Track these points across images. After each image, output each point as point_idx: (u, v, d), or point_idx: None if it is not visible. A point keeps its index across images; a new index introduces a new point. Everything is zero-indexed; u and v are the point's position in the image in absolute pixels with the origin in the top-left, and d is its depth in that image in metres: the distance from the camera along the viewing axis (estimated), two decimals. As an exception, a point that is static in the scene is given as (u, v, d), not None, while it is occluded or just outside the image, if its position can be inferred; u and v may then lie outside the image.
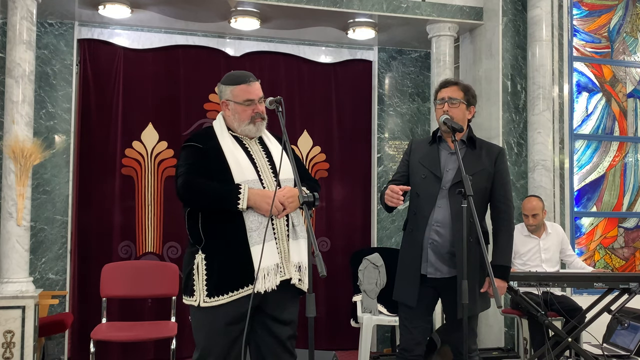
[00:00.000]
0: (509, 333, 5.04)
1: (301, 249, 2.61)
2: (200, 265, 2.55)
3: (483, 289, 2.96)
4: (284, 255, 2.58)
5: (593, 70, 5.57)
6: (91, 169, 5.20)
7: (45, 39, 5.04)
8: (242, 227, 2.53)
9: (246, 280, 2.50)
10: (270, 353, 2.61)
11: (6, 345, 4.07)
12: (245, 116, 2.65)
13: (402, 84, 5.90)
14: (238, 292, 2.51)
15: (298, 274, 2.60)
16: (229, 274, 2.52)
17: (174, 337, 4.23)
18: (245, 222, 2.53)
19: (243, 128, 2.67)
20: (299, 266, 2.60)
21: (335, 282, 5.54)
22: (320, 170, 5.77)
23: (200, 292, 2.54)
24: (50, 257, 4.95)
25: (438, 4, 5.23)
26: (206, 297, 2.53)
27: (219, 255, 2.54)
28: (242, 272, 2.51)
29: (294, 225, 2.62)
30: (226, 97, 2.69)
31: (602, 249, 5.53)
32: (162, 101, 5.39)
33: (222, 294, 2.51)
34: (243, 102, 2.65)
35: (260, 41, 5.65)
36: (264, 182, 2.60)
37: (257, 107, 2.66)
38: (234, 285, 2.51)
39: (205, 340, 2.56)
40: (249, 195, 2.51)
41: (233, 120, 2.68)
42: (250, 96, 2.65)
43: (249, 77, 2.68)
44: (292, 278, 2.58)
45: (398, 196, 2.82)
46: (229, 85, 2.68)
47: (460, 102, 3.03)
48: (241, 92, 2.65)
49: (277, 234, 2.57)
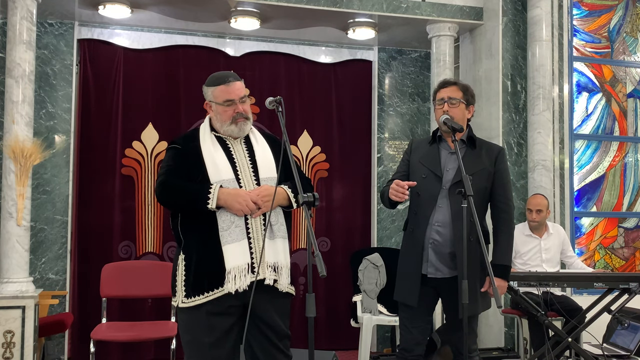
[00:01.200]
0: (509, 333, 5.04)
1: (278, 249, 2.59)
2: (180, 265, 2.58)
3: (483, 289, 2.96)
4: (258, 255, 2.54)
5: (593, 70, 5.57)
6: (91, 169, 5.20)
7: (45, 39, 5.04)
8: (215, 227, 2.52)
9: (220, 280, 2.50)
10: (263, 354, 2.60)
11: (6, 345, 4.07)
12: (226, 117, 2.65)
13: (402, 84, 5.90)
14: (213, 293, 2.51)
15: (273, 274, 2.56)
16: (203, 275, 2.52)
17: (174, 337, 4.22)
18: (218, 221, 2.52)
19: (225, 129, 2.66)
20: (274, 266, 2.57)
21: (335, 282, 5.54)
22: (320, 170, 5.77)
23: (180, 293, 2.56)
24: (50, 257, 4.95)
25: (438, 4, 5.23)
26: (184, 297, 2.54)
27: (195, 255, 2.55)
28: (216, 272, 2.50)
29: (271, 224, 2.58)
30: (208, 99, 2.69)
31: (602, 249, 5.53)
32: (162, 101, 5.39)
33: (198, 294, 2.51)
34: (223, 103, 2.64)
35: (260, 41, 5.65)
36: (242, 182, 2.59)
37: (238, 107, 2.64)
38: (208, 285, 2.51)
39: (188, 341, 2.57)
40: (220, 194, 2.50)
41: (216, 121, 2.68)
42: (230, 96, 2.63)
43: (228, 77, 2.67)
44: (265, 278, 2.54)
45: (404, 190, 2.82)
46: (210, 86, 2.68)
47: (459, 101, 3.03)
48: (221, 92, 2.64)
49: (252, 234, 2.55)
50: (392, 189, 2.85)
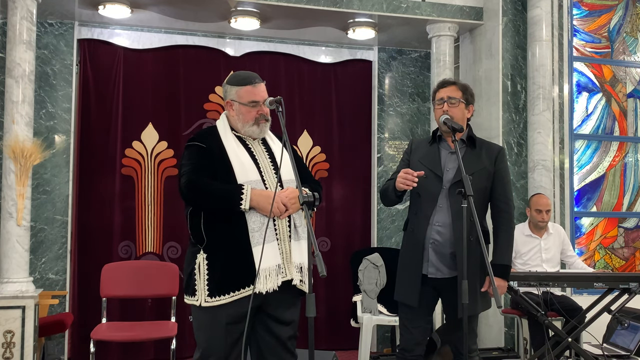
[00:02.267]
0: (509, 333, 5.04)
1: (302, 250, 2.61)
2: (202, 264, 2.55)
3: (483, 289, 2.96)
4: (286, 256, 2.57)
5: (593, 70, 5.57)
6: (91, 169, 5.20)
7: (45, 39, 5.04)
8: (245, 228, 2.52)
9: (247, 280, 2.50)
10: (271, 353, 2.61)
11: (6, 345, 4.07)
12: (249, 117, 2.65)
13: (402, 84, 5.90)
14: (239, 292, 2.51)
15: (299, 274, 2.59)
16: (230, 274, 2.52)
17: (174, 337, 4.23)
18: (248, 222, 2.52)
19: (247, 129, 2.67)
20: (300, 267, 2.60)
21: (335, 282, 5.54)
22: (320, 170, 5.77)
23: (201, 292, 2.54)
24: (50, 257, 4.95)
25: (438, 4, 5.23)
26: (207, 296, 2.53)
27: (221, 255, 2.54)
28: (244, 273, 2.50)
29: (295, 226, 2.61)
30: (231, 97, 2.68)
31: (602, 249, 5.53)
32: (162, 101, 5.39)
33: (224, 294, 2.51)
34: (248, 104, 2.64)
35: (260, 41, 5.65)
36: (267, 183, 2.60)
37: (262, 108, 2.66)
38: (235, 285, 2.51)
39: (206, 340, 2.57)
40: (252, 195, 2.50)
41: (237, 120, 2.67)
42: (256, 98, 2.64)
43: (254, 78, 2.67)
44: (293, 279, 2.57)
45: (413, 178, 2.81)
46: (235, 85, 2.67)
47: (459, 101, 3.03)
48: (246, 93, 2.64)
49: (279, 235, 2.57)
50: (401, 177, 2.84)
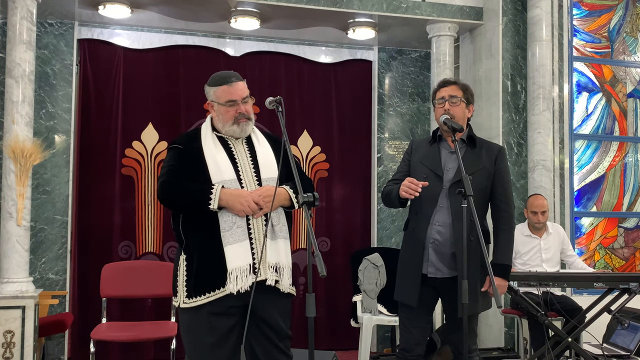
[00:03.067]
0: (509, 333, 5.04)
1: (280, 250, 2.59)
2: (181, 265, 2.57)
3: (483, 288, 2.96)
4: (260, 255, 2.54)
5: (593, 70, 5.57)
6: (91, 169, 5.20)
7: (45, 39, 5.04)
8: (217, 227, 2.52)
9: (222, 280, 2.50)
10: (264, 354, 2.60)
11: (6, 345, 4.07)
12: (228, 117, 2.64)
13: (402, 84, 5.90)
14: (215, 293, 2.50)
15: (275, 274, 2.57)
16: (204, 275, 2.52)
17: (174, 337, 4.22)
18: (220, 222, 2.52)
19: (227, 129, 2.66)
20: (275, 267, 2.57)
21: (335, 282, 5.54)
22: (320, 170, 5.77)
23: (181, 293, 2.56)
24: (50, 257, 4.95)
25: (438, 4, 5.23)
26: (185, 297, 2.54)
27: (196, 255, 2.55)
28: (217, 273, 2.50)
29: (272, 225, 2.58)
30: (210, 99, 2.69)
31: (602, 249, 5.53)
32: (162, 101, 5.39)
33: (199, 294, 2.51)
34: (225, 103, 2.63)
35: (260, 41, 5.65)
36: (243, 182, 2.59)
37: (240, 107, 2.64)
38: (210, 285, 2.51)
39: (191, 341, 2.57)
40: (222, 195, 2.49)
41: (217, 121, 2.68)
42: (232, 97, 2.63)
43: (230, 77, 2.66)
44: (267, 279, 2.55)
45: (417, 187, 2.82)
46: (212, 86, 2.67)
47: (460, 100, 3.03)
48: (223, 93, 2.64)
49: (254, 234, 2.55)
50: (405, 186, 2.85)
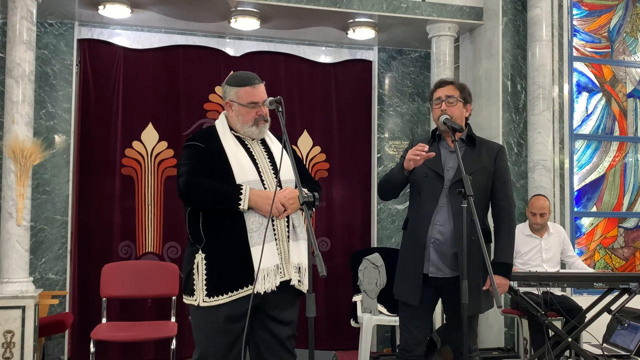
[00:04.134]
0: (509, 333, 5.04)
1: (301, 250, 2.61)
2: (200, 264, 2.56)
3: (484, 287, 2.96)
4: (284, 256, 2.58)
5: (593, 70, 5.57)
6: (91, 169, 5.20)
7: (45, 39, 5.04)
8: (243, 228, 2.53)
9: (246, 280, 2.50)
10: (270, 353, 2.61)
11: (6, 345, 4.07)
12: (248, 118, 2.65)
13: (402, 84, 5.90)
14: (237, 292, 2.51)
15: (298, 275, 2.60)
16: (228, 274, 2.53)
17: (174, 337, 4.23)
18: (246, 222, 2.53)
19: (246, 130, 2.67)
20: (298, 267, 2.60)
21: (335, 282, 5.54)
22: (320, 170, 5.77)
23: (200, 292, 2.54)
24: (50, 257, 4.95)
25: (438, 4, 5.23)
26: (206, 296, 2.53)
27: (219, 255, 2.54)
28: (242, 273, 2.51)
29: (294, 226, 2.61)
30: (230, 98, 2.68)
31: (602, 249, 5.52)
32: (162, 101, 5.39)
33: (222, 293, 2.52)
34: (247, 105, 2.64)
35: (260, 41, 5.65)
36: (265, 183, 2.60)
37: (261, 109, 2.66)
38: (233, 285, 2.52)
39: (204, 340, 2.57)
40: (250, 195, 2.51)
41: (236, 121, 2.68)
42: (255, 99, 2.64)
43: (254, 79, 2.67)
44: (291, 279, 2.58)
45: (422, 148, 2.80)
46: (234, 86, 2.67)
47: (457, 100, 3.03)
48: (245, 94, 2.64)
49: (278, 235, 2.57)
50: (410, 153, 2.82)
